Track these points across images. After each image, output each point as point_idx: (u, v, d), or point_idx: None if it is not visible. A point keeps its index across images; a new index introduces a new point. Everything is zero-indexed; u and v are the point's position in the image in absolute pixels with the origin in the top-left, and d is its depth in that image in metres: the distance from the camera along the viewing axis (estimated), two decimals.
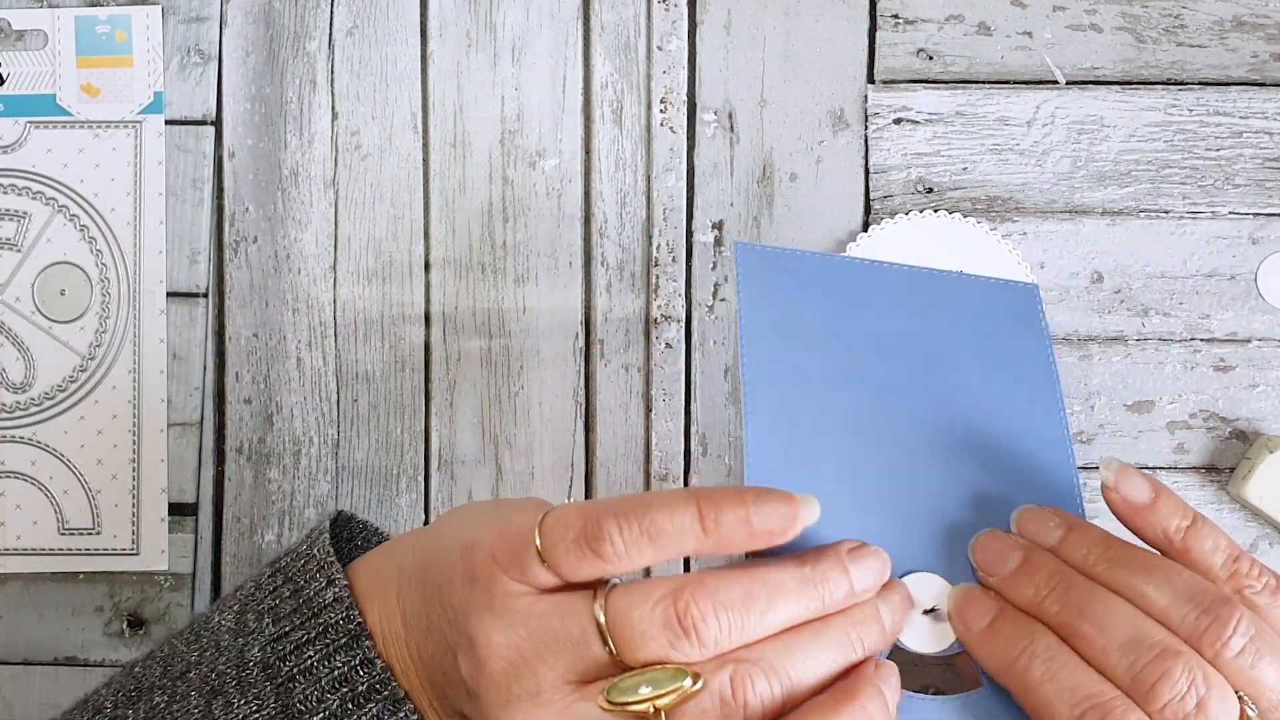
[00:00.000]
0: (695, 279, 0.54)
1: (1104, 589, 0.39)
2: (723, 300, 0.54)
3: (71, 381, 0.54)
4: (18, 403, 0.54)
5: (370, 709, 0.39)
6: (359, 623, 0.40)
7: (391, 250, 0.54)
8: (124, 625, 0.54)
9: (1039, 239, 0.53)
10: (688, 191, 0.54)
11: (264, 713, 0.39)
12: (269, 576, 0.42)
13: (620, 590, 0.37)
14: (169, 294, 0.54)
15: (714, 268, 0.54)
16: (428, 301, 0.54)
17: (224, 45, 0.55)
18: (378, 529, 0.46)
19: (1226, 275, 0.53)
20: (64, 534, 0.54)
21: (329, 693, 0.39)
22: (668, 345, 0.54)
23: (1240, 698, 0.37)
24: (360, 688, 0.39)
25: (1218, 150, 0.53)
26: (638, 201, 0.54)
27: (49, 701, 0.54)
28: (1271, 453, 0.51)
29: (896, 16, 0.54)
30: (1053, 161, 0.53)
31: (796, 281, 0.44)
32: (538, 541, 0.37)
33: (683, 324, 0.54)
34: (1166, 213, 0.53)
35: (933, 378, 0.44)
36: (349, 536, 0.46)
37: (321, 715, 0.39)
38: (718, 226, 0.54)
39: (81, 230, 0.54)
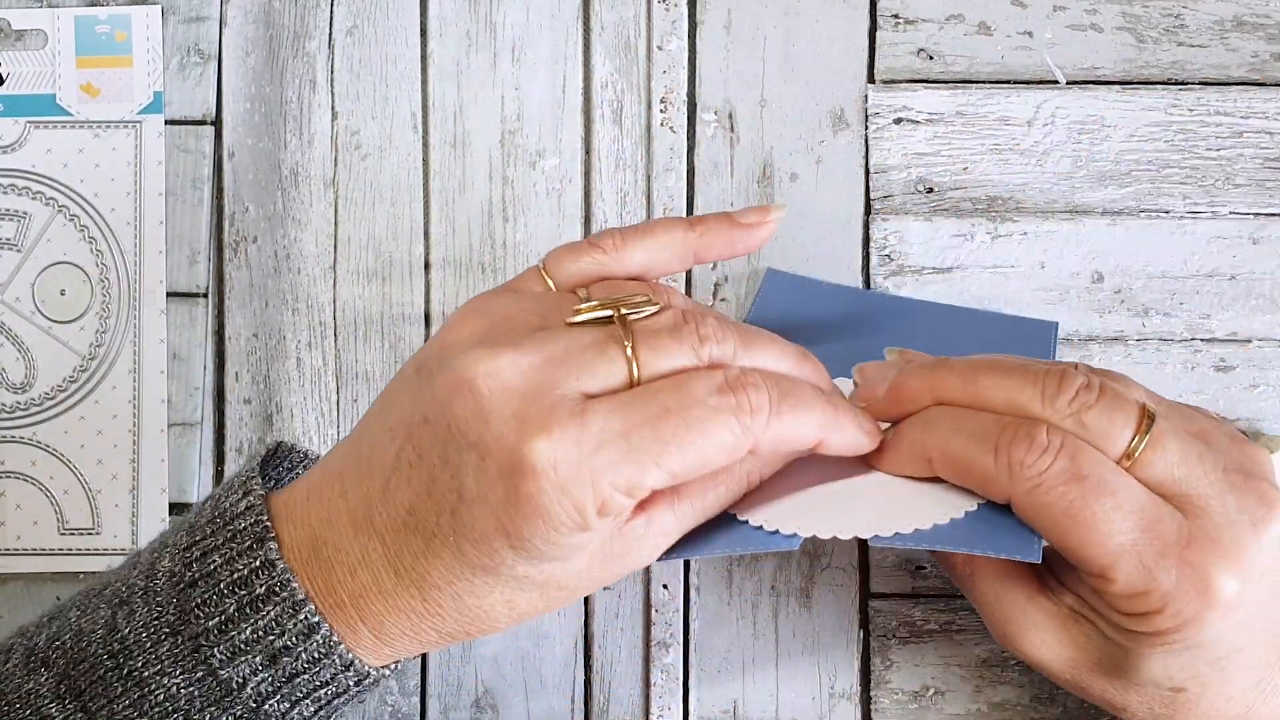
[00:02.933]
0: (695, 279, 0.54)
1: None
2: (723, 300, 0.54)
3: (71, 382, 0.54)
4: (18, 403, 0.54)
5: (268, 611, 0.39)
6: (265, 526, 0.39)
7: (391, 250, 0.54)
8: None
9: (1039, 239, 0.53)
10: (688, 191, 0.54)
11: (164, 619, 0.39)
12: (200, 502, 0.43)
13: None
14: (169, 294, 0.54)
15: (714, 268, 0.54)
16: (428, 301, 0.54)
17: (224, 45, 0.55)
18: (317, 456, 0.45)
19: (1227, 275, 0.53)
20: (64, 534, 0.54)
21: (226, 596, 0.39)
22: None
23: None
24: (259, 590, 0.39)
25: (1218, 150, 0.53)
26: (638, 201, 0.54)
27: None
28: (1272, 453, 0.51)
29: (897, 16, 0.54)
30: (1053, 161, 0.53)
31: (816, 307, 0.49)
32: (541, 264, 0.43)
33: None
34: (1167, 213, 0.53)
35: None
36: (292, 465, 0.46)
37: (218, 618, 0.39)
38: None
39: (81, 230, 0.54)
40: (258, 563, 0.39)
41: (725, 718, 0.53)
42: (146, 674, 0.39)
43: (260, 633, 0.39)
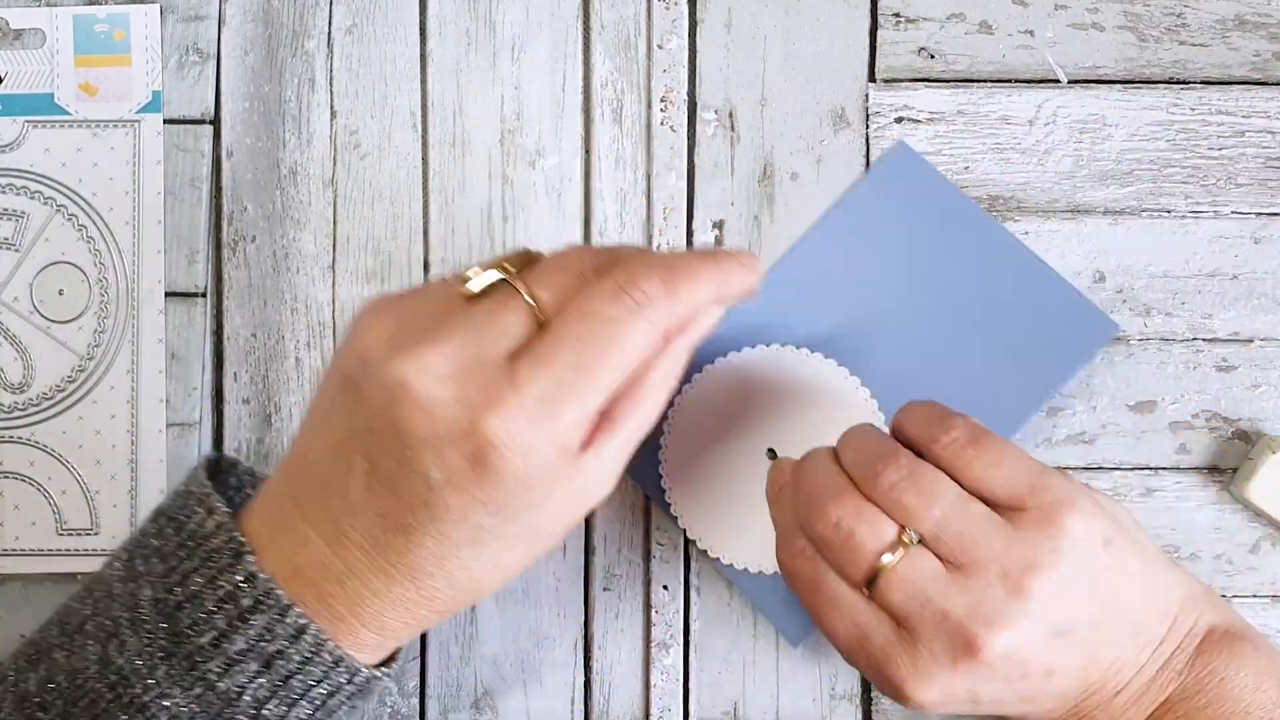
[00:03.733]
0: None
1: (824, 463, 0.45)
2: None
3: (70, 382, 0.54)
4: (16, 403, 0.54)
5: (257, 620, 0.40)
6: (240, 542, 0.40)
7: (390, 250, 0.54)
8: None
9: (1041, 238, 0.53)
10: (688, 191, 0.54)
11: (156, 645, 0.40)
12: (151, 522, 0.43)
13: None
14: (167, 294, 0.54)
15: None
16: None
17: (222, 44, 0.54)
18: (253, 470, 0.46)
19: (1229, 275, 0.53)
20: (62, 534, 0.54)
21: (215, 612, 0.40)
22: None
23: (899, 526, 0.42)
24: (245, 602, 0.40)
25: (1220, 149, 0.53)
26: (638, 201, 0.54)
27: None
28: (1274, 453, 0.51)
29: (898, 15, 0.54)
30: (1054, 160, 0.53)
31: (919, 202, 0.52)
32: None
33: None
34: (1169, 212, 0.53)
35: (960, 320, 0.52)
36: (238, 485, 0.46)
37: (211, 634, 0.40)
38: (718, 226, 0.54)
39: (80, 230, 0.54)
40: (240, 577, 0.40)
41: (725, 718, 0.53)
42: (147, 699, 0.40)
43: (252, 641, 0.40)
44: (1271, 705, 0.44)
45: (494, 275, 0.40)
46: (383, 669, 0.43)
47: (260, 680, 0.40)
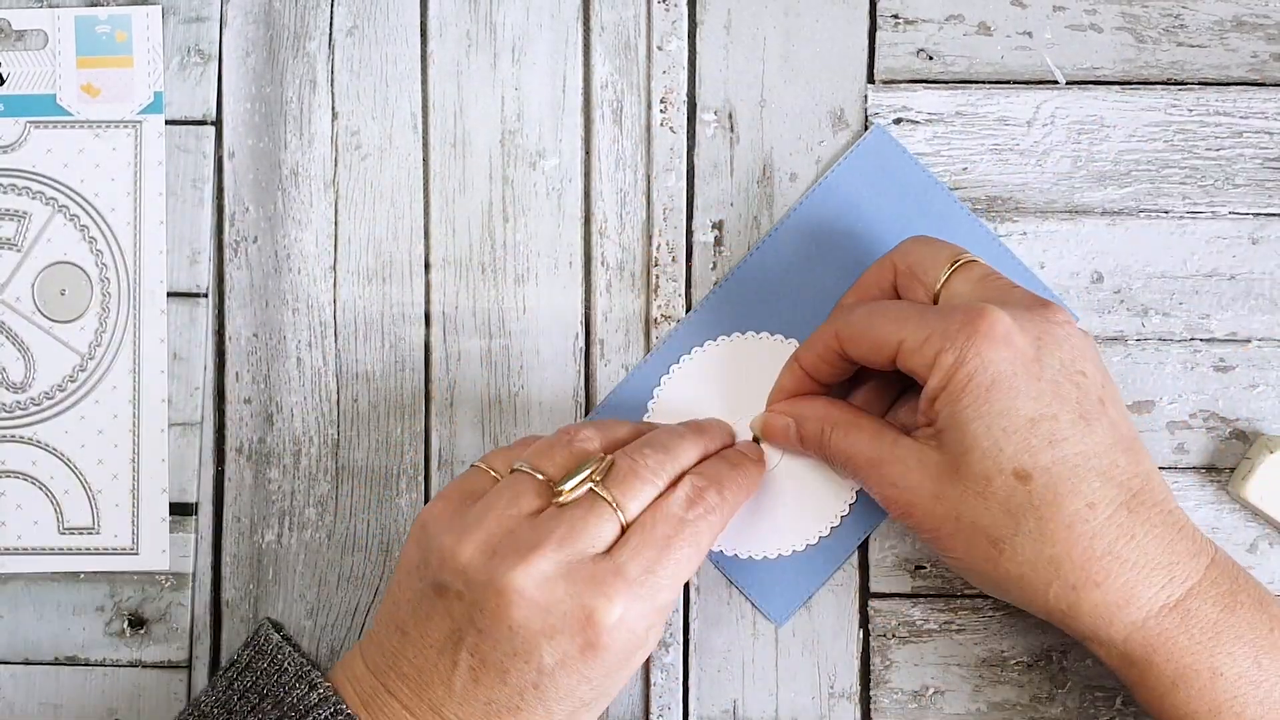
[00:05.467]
0: (695, 279, 0.54)
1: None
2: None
3: (72, 381, 0.54)
4: (18, 402, 0.54)
5: None
6: (346, 712, 0.45)
7: (391, 250, 0.54)
8: (125, 625, 0.54)
9: (1039, 239, 0.53)
10: (688, 191, 0.54)
11: None
12: (240, 698, 0.46)
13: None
14: (169, 294, 0.54)
15: (714, 268, 0.54)
16: (428, 301, 0.54)
17: (224, 45, 0.55)
18: (298, 644, 0.51)
19: (1226, 275, 0.53)
20: (64, 533, 0.54)
21: None
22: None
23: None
24: None
25: (1218, 150, 0.53)
26: (638, 201, 0.54)
27: (49, 701, 0.54)
28: (1271, 453, 0.51)
29: (896, 16, 0.54)
30: (1053, 161, 0.53)
31: (892, 190, 0.53)
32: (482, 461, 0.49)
33: (684, 320, 0.54)
34: (1166, 213, 0.53)
35: None
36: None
37: None
38: (718, 226, 0.54)
39: (82, 230, 0.54)
40: None
41: (725, 718, 0.53)
42: None
43: None
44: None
45: (585, 486, 0.46)
46: None
47: None
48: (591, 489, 0.46)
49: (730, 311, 0.53)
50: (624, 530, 0.46)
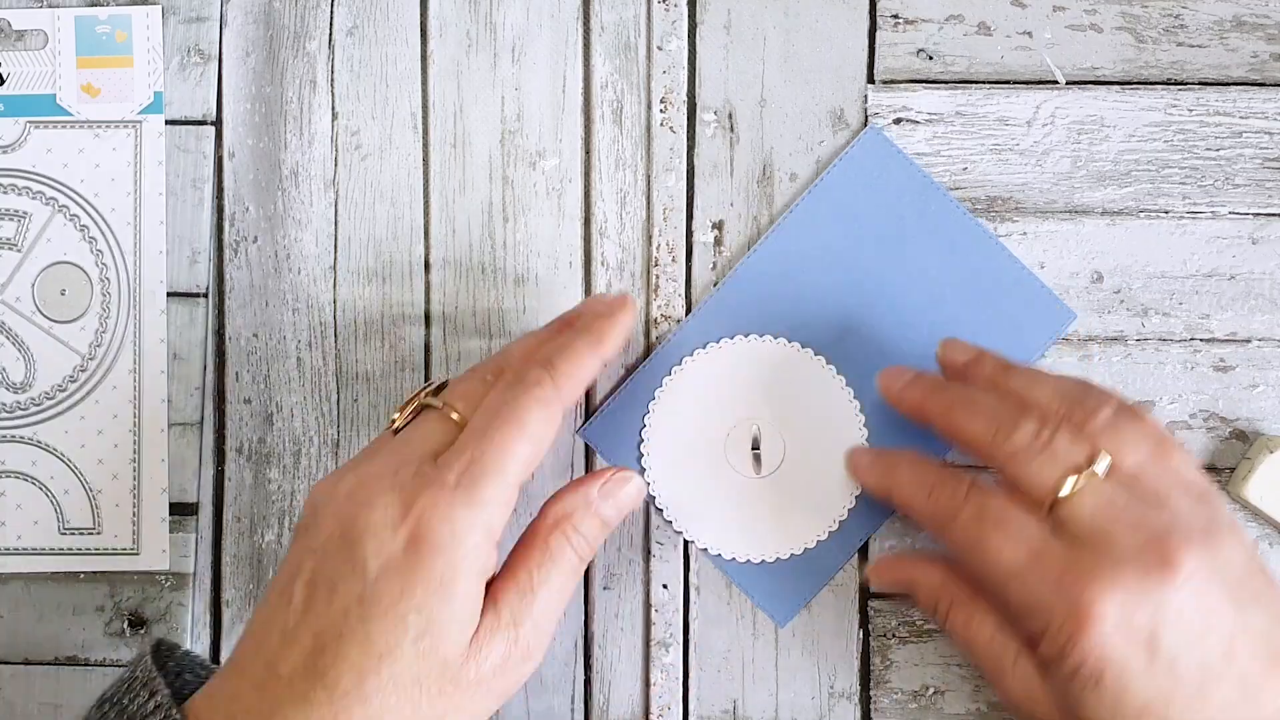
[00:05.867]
0: (695, 279, 0.54)
1: (982, 391, 0.46)
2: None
3: (72, 381, 0.54)
4: (18, 402, 0.54)
5: None
6: (173, 715, 0.42)
7: (391, 250, 0.54)
8: (125, 625, 0.54)
9: (1039, 239, 0.53)
10: (688, 191, 0.54)
11: None
12: (96, 709, 0.44)
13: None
14: (169, 294, 0.54)
15: (714, 268, 0.54)
16: (428, 301, 0.54)
17: (224, 45, 0.55)
18: (191, 654, 0.48)
19: (1226, 275, 0.53)
20: (64, 534, 0.54)
21: None
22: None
23: (1091, 453, 0.43)
24: None
25: (1218, 150, 0.53)
26: (638, 201, 0.54)
27: (49, 701, 0.54)
28: (1271, 453, 0.51)
29: (896, 16, 0.54)
30: (1053, 161, 0.53)
31: (887, 190, 0.53)
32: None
33: (683, 324, 0.54)
34: (1166, 213, 0.53)
35: (928, 304, 0.52)
36: (177, 670, 0.47)
37: None
38: (718, 226, 0.54)
39: (82, 230, 0.54)
40: None
41: (725, 718, 0.53)
42: None
43: None
44: None
45: (412, 405, 0.46)
46: None
47: None
48: (421, 402, 0.46)
49: (730, 314, 0.53)
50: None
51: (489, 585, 0.44)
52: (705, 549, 0.53)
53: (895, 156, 0.53)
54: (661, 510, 0.53)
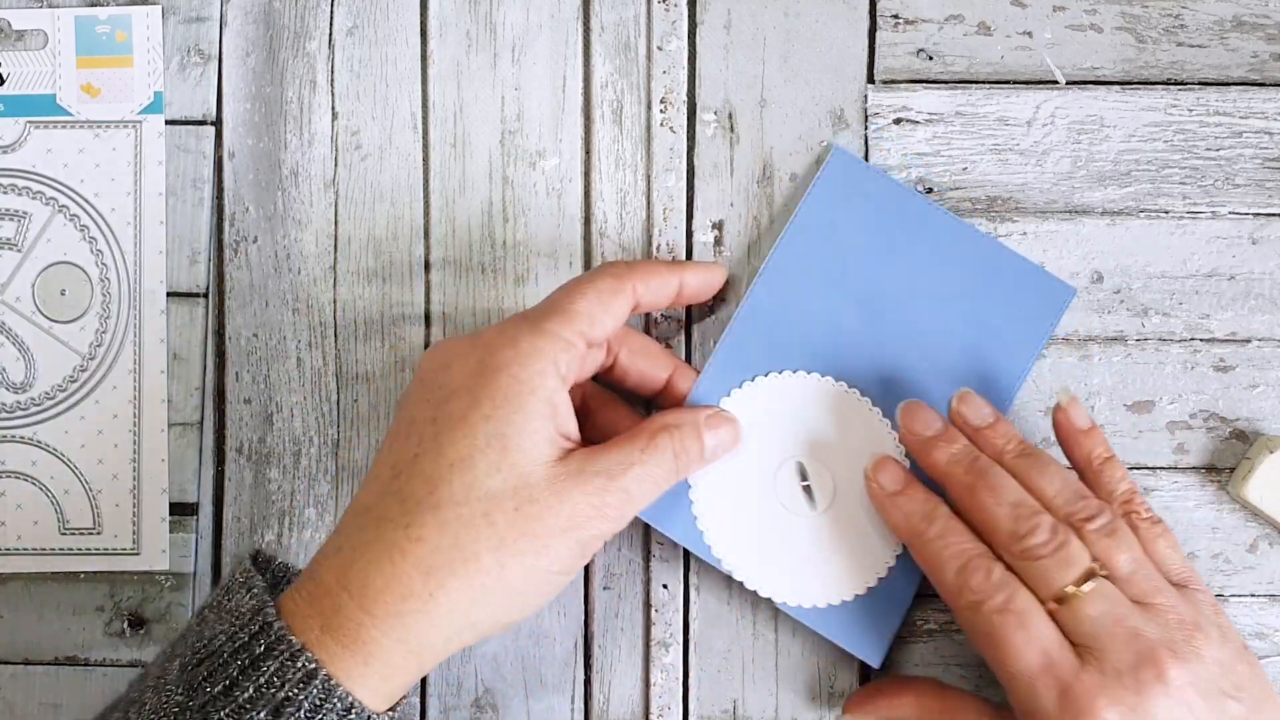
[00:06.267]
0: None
1: (1005, 471, 0.47)
2: (722, 300, 0.54)
3: (72, 381, 0.54)
4: (18, 402, 0.54)
5: (268, 666, 0.41)
6: (264, 599, 0.42)
7: (391, 250, 0.54)
8: (125, 625, 0.54)
9: (1039, 239, 0.53)
10: (688, 191, 0.54)
11: (173, 699, 0.41)
12: (195, 616, 0.45)
13: None
14: (169, 294, 0.54)
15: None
16: (428, 301, 0.54)
17: (224, 45, 0.55)
18: (287, 565, 0.48)
19: (1226, 275, 0.53)
20: (65, 534, 0.54)
21: (230, 663, 0.41)
22: (667, 345, 0.54)
23: (1093, 559, 0.45)
24: (258, 650, 0.41)
25: (1218, 150, 0.53)
26: (638, 201, 0.54)
27: (49, 701, 0.54)
28: (1271, 453, 0.51)
29: (896, 16, 0.54)
30: (1053, 161, 0.53)
31: (866, 204, 0.52)
32: None
33: (682, 324, 0.54)
34: (1166, 213, 0.53)
35: (933, 311, 0.52)
36: (274, 581, 0.47)
37: (223, 684, 0.41)
38: (718, 226, 0.54)
39: (82, 230, 0.54)
40: (257, 627, 0.41)
41: (725, 718, 0.53)
42: None
43: (262, 688, 0.40)
44: None
45: None
46: (389, 713, 0.43)
47: None
48: None
49: (744, 357, 0.52)
50: None
51: (584, 446, 0.46)
52: (784, 604, 0.51)
53: (866, 171, 0.53)
54: (730, 572, 0.51)
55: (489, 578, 0.42)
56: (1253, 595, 0.53)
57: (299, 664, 0.41)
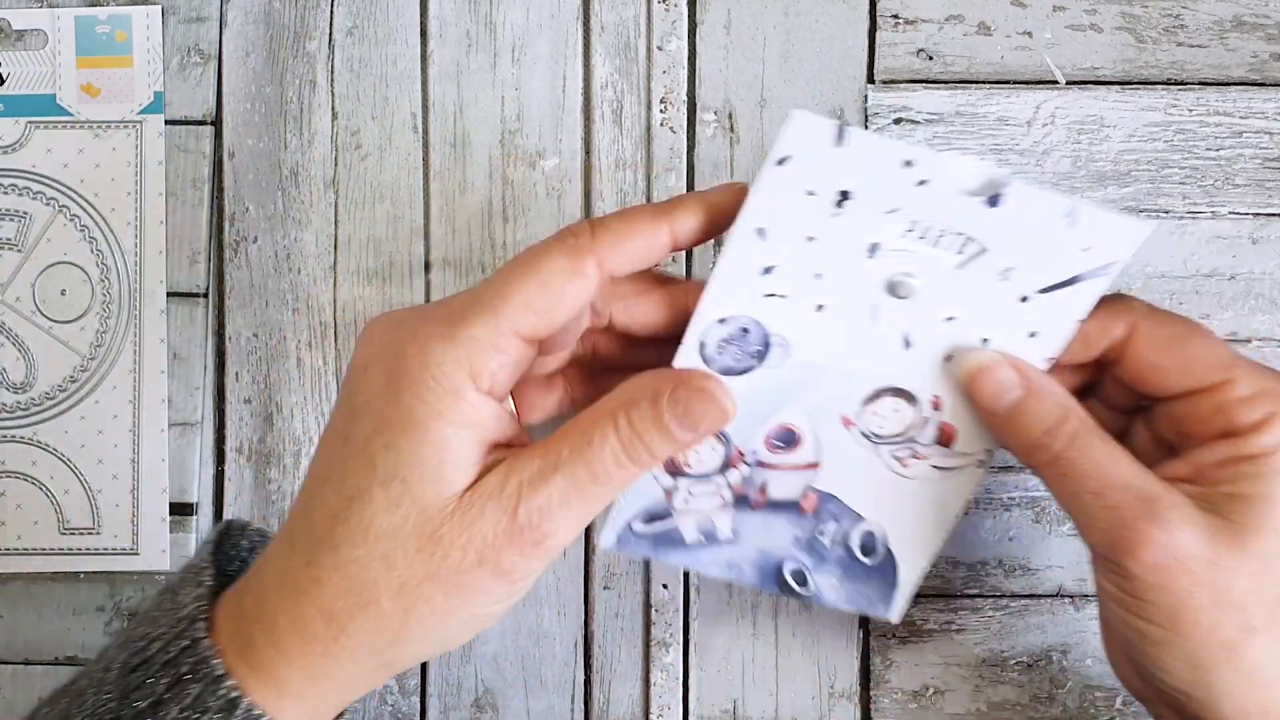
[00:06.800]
0: (695, 279, 0.54)
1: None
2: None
3: (72, 381, 0.54)
4: (18, 403, 0.54)
5: (192, 690, 0.38)
6: (199, 608, 0.39)
7: (391, 250, 0.54)
8: (124, 625, 0.54)
9: None
10: (687, 191, 0.54)
11: (108, 705, 0.39)
12: (158, 593, 0.43)
13: None
14: (169, 294, 0.54)
15: (713, 268, 0.54)
16: (428, 301, 0.54)
17: (224, 45, 0.55)
18: (264, 531, 0.46)
19: (1226, 275, 0.53)
20: (64, 534, 0.54)
21: (160, 676, 0.39)
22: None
23: None
24: (184, 669, 0.38)
25: (1218, 150, 0.53)
26: (638, 201, 0.54)
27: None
28: None
29: (896, 16, 0.54)
30: (1053, 161, 0.53)
31: (846, 152, 0.39)
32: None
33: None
34: (1166, 213, 0.53)
35: (952, 281, 0.41)
36: (250, 547, 0.45)
37: (150, 699, 0.38)
38: None
39: (82, 230, 0.54)
40: (186, 642, 0.39)
41: (725, 718, 0.53)
42: None
43: (186, 711, 0.38)
44: None
45: None
46: None
47: None
48: None
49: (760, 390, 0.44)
50: None
51: (513, 450, 0.40)
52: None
53: (838, 127, 0.39)
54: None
55: (393, 623, 0.38)
56: None
57: (220, 691, 0.38)
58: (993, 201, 0.40)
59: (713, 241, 0.53)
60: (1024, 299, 0.42)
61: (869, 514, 0.45)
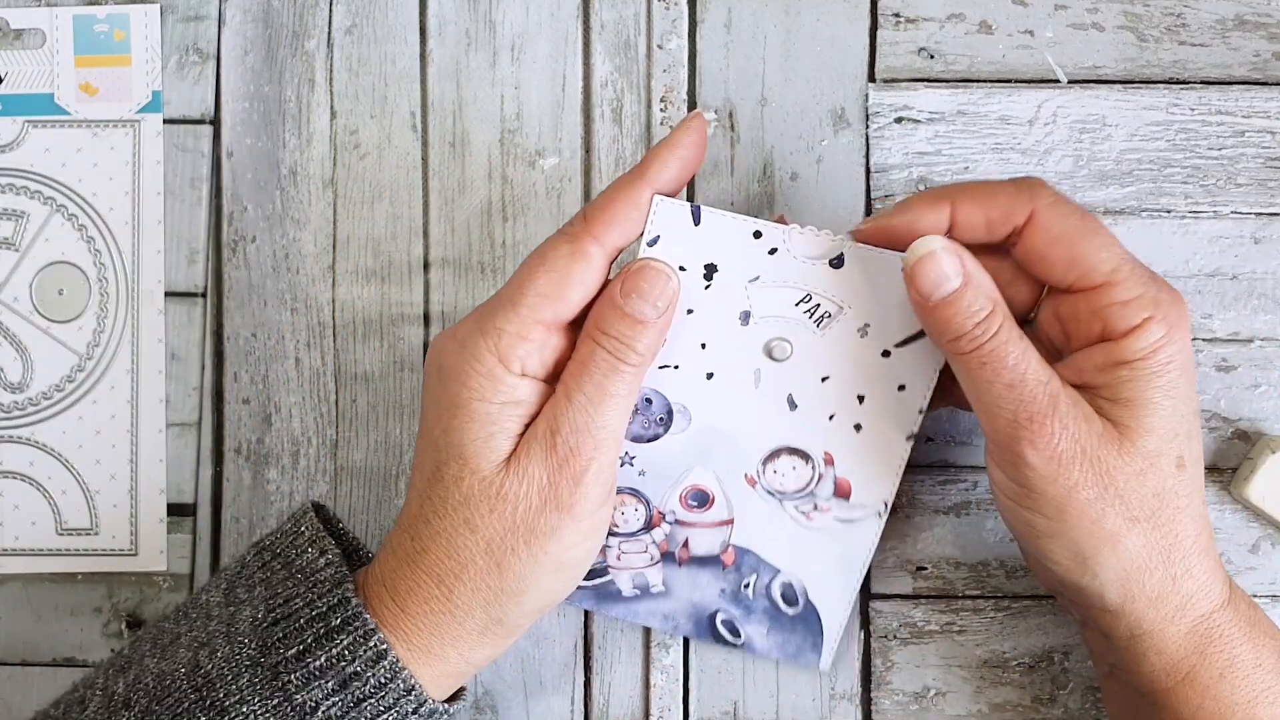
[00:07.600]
0: None
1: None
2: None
3: (69, 381, 0.54)
4: (15, 403, 0.54)
5: (341, 640, 0.43)
6: (343, 572, 0.44)
7: (390, 250, 0.54)
8: (122, 626, 0.54)
9: None
10: (688, 191, 0.54)
11: (245, 653, 0.43)
12: (254, 555, 0.46)
13: None
14: (167, 294, 0.54)
15: None
16: (427, 301, 0.54)
17: (222, 44, 0.54)
18: (347, 530, 0.49)
19: (1228, 275, 0.53)
20: (62, 534, 0.54)
21: (305, 629, 0.43)
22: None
23: None
24: (334, 622, 0.43)
25: (1220, 149, 0.53)
26: None
27: (47, 702, 0.54)
28: (1274, 453, 0.51)
29: (898, 15, 0.54)
30: (1054, 161, 0.53)
31: (703, 230, 0.46)
32: None
33: None
34: (1168, 212, 0.53)
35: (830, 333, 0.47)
36: (332, 534, 0.49)
37: (297, 648, 0.43)
38: None
39: (80, 230, 0.54)
40: (335, 600, 0.44)
41: (725, 718, 0.53)
42: (228, 703, 0.42)
43: (333, 660, 0.43)
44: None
45: None
46: (448, 704, 0.46)
47: (335, 699, 0.43)
48: None
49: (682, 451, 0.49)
50: None
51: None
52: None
53: (699, 210, 0.46)
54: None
55: (490, 578, 0.44)
56: (1255, 595, 0.53)
57: (370, 643, 0.43)
58: (836, 264, 0.46)
59: None
60: (885, 354, 0.47)
61: (784, 566, 0.49)
